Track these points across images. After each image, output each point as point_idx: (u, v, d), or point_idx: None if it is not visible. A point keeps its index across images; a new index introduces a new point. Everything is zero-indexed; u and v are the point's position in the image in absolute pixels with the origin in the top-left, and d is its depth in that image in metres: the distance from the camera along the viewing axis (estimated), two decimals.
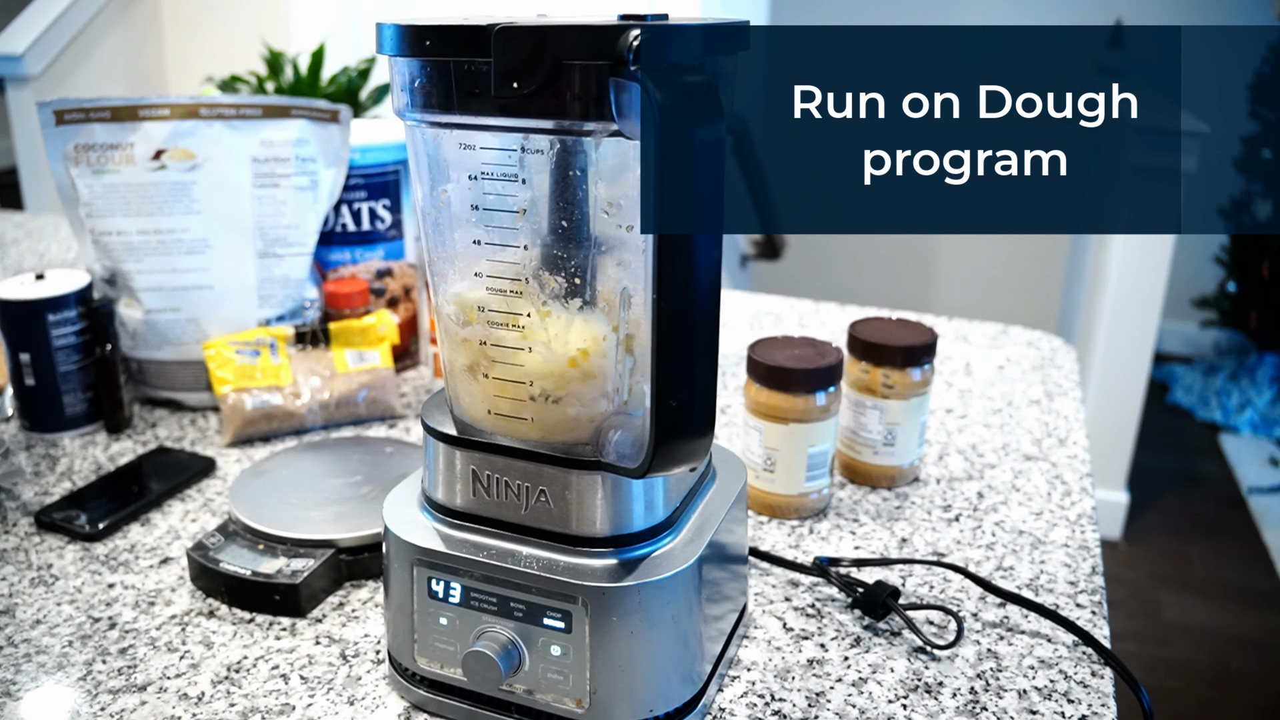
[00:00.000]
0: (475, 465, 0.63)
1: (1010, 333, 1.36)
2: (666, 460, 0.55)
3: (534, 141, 0.56)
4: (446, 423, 0.65)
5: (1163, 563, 2.65)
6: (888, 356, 0.90)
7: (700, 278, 0.51)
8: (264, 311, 1.07)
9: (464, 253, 0.60)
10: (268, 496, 0.84)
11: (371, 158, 1.11)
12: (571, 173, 0.56)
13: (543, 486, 0.61)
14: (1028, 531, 0.87)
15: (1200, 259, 3.60)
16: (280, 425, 1.02)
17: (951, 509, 0.91)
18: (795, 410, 0.85)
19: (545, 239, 0.58)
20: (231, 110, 1.04)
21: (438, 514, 0.65)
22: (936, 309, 2.40)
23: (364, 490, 0.84)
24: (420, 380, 1.17)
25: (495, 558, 0.61)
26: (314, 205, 1.08)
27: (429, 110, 0.57)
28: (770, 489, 0.88)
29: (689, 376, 0.53)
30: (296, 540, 0.78)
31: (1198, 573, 2.61)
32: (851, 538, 0.86)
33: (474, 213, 0.58)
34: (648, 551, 0.62)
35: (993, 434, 1.06)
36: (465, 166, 0.58)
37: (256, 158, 1.05)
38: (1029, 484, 0.96)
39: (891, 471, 0.94)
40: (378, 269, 1.15)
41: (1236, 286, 3.41)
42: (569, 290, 0.58)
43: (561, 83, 0.53)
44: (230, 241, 1.05)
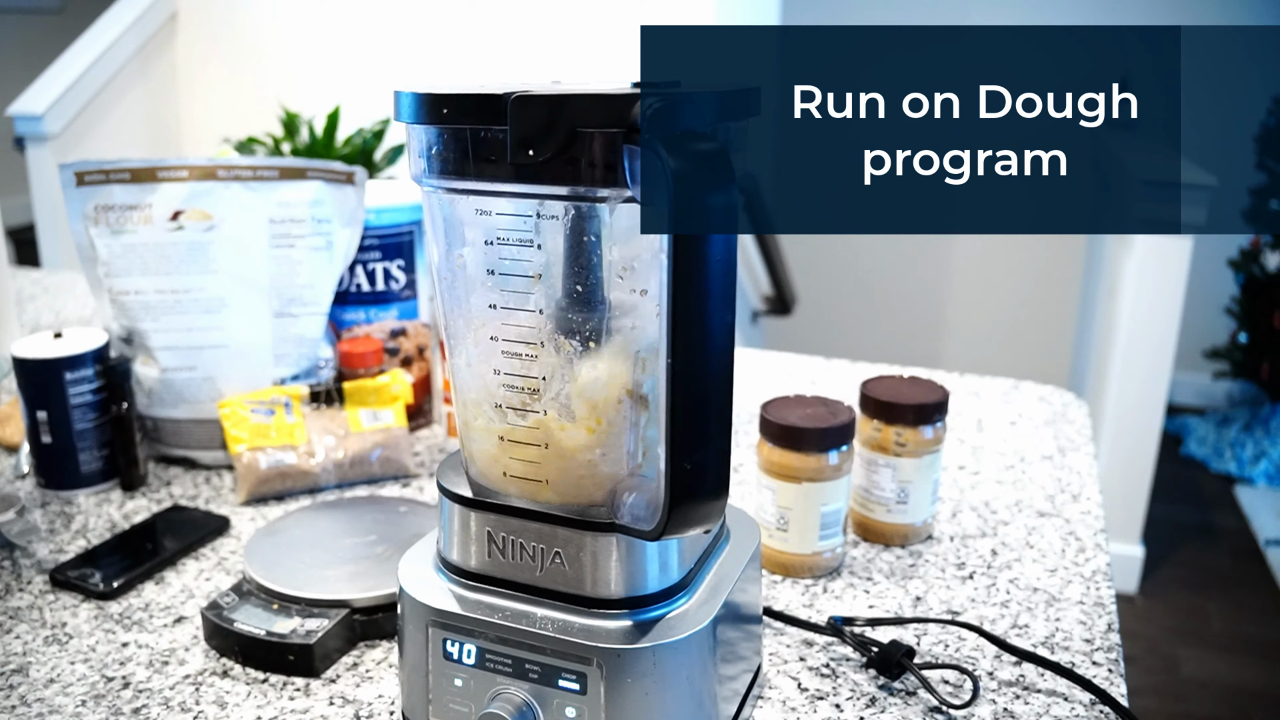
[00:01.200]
0: (490, 527, 0.63)
1: (1022, 388, 1.36)
2: (681, 523, 0.55)
3: (549, 207, 0.57)
4: (461, 483, 0.65)
5: (1180, 617, 2.62)
6: (900, 415, 0.91)
7: (713, 341, 0.52)
8: (279, 370, 1.08)
9: (479, 315, 0.61)
10: (282, 556, 0.84)
11: (386, 218, 1.13)
12: (586, 237, 0.57)
13: (558, 548, 0.61)
14: (1042, 589, 0.87)
15: (1211, 310, 3.60)
16: (294, 484, 1.02)
17: (965, 566, 0.91)
18: (808, 469, 0.85)
19: (560, 302, 0.59)
20: (248, 172, 1.06)
21: (453, 575, 0.65)
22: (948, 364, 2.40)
23: (378, 550, 0.84)
24: (434, 439, 1.17)
25: (510, 619, 0.61)
26: (329, 265, 1.09)
27: (445, 176, 0.58)
28: (784, 548, 0.88)
29: (703, 439, 0.53)
30: (311, 600, 0.78)
31: (1215, 627, 2.58)
32: (865, 596, 0.86)
33: (489, 276, 0.59)
34: (662, 613, 0.62)
35: (1005, 490, 1.06)
36: (481, 231, 0.59)
37: (273, 218, 1.06)
38: (1043, 540, 0.95)
39: (905, 529, 0.93)
40: (392, 328, 1.16)
41: (1248, 337, 3.41)
42: (583, 353, 0.59)
43: (576, 149, 0.53)
44: (246, 301, 1.06)
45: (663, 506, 0.54)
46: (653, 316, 0.58)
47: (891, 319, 3.75)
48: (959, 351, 3.71)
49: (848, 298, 3.74)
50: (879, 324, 3.75)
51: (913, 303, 3.73)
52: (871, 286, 3.72)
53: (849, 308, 3.75)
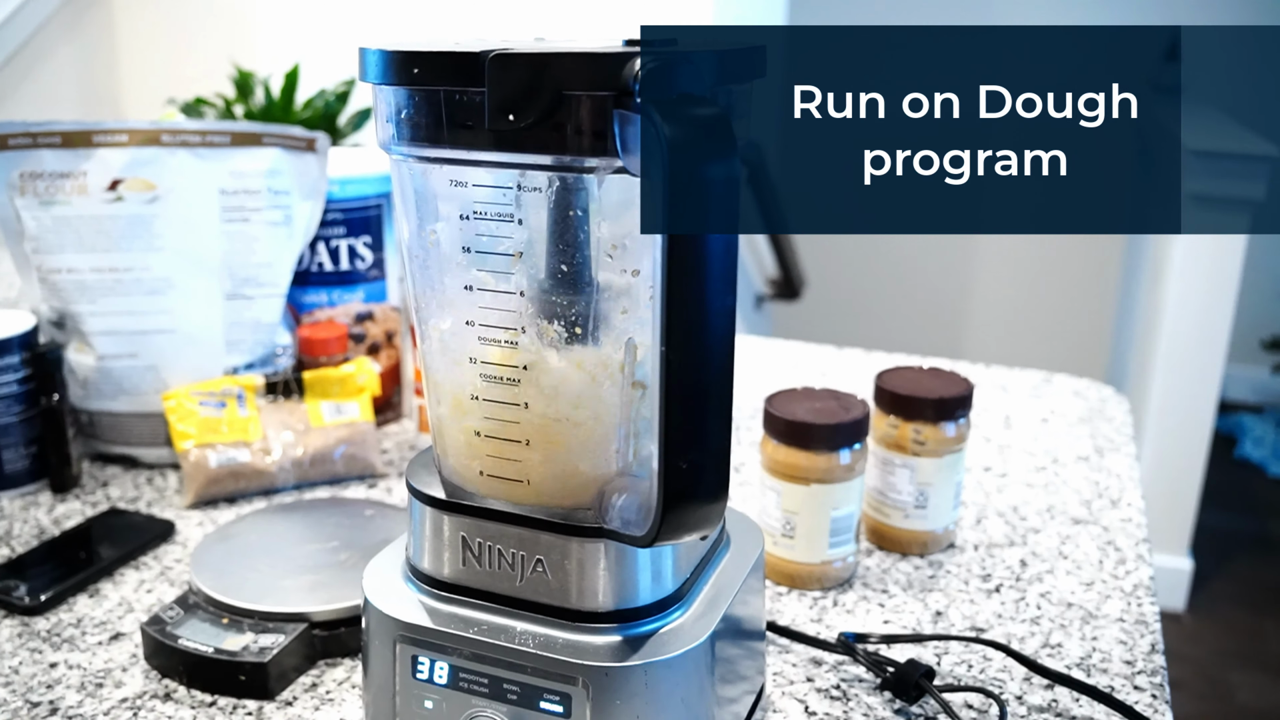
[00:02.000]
0: (465, 531, 0.64)
1: (1055, 381, 1.37)
2: (676, 527, 0.55)
3: (531, 178, 0.57)
4: (434, 484, 0.66)
5: (1233, 637, 2.64)
6: (918, 410, 0.91)
7: (712, 327, 0.52)
8: (231, 358, 1.08)
9: (454, 298, 0.61)
10: (233, 564, 0.84)
11: (351, 190, 1.13)
12: (572, 212, 0.57)
13: (540, 555, 0.62)
14: (1077, 604, 0.88)
15: (1269, 296, 3.61)
16: (248, 485, 1.02)
17: (991, 578, 0.91)
18: (817, 469, 0.86)
19: (543, 284, 0.59)
20: (197, 137, 1.06)
21: (423, 585, 0.66)
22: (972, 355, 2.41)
23: (341, 557, 0.85)
24: (404, 435, 1.18)
25: (487, 634, 0.62)
26: (288, 242, 1.09)
27: (416, 144, 0.58)
28: (790, 557, 0.89)
29: (700, 435, 0.54)
30: (265, 613, 0.79)
31: (1273, 648, 2.60)
32: (880, 611, 0.86)
33: (465, 255, 0.60)
34: (655, 627, 0.62)
35: (1036, 494, 1.07)
36: (456, 204, 0.59)
37: (224, 189, 1.06)
38: (1078, 550, 0.96)
39: (924, 537, 0.94)
40: (357, 312, 1.16)
41: None
42: (569, 340, 0.60)
43: (561, 115, 0.54)
44: (195, 281, 1.06)
45: (656, 509, 0.55)
46: (645, 300, 0.59)
47: (910, 304, 3.76)
48: (984, 341, 3.72)
49: (862, 281, 3.74)
50: (896, 310, 3.75)
51: (934, 286, 3.73)
52: (888, 269, 3.72)
53: (863, 292, 3.75)
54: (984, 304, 3.73)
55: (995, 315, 3.72)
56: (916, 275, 3.72)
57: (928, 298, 3.75)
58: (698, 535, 0.57)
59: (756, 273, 2.97)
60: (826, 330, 3.14)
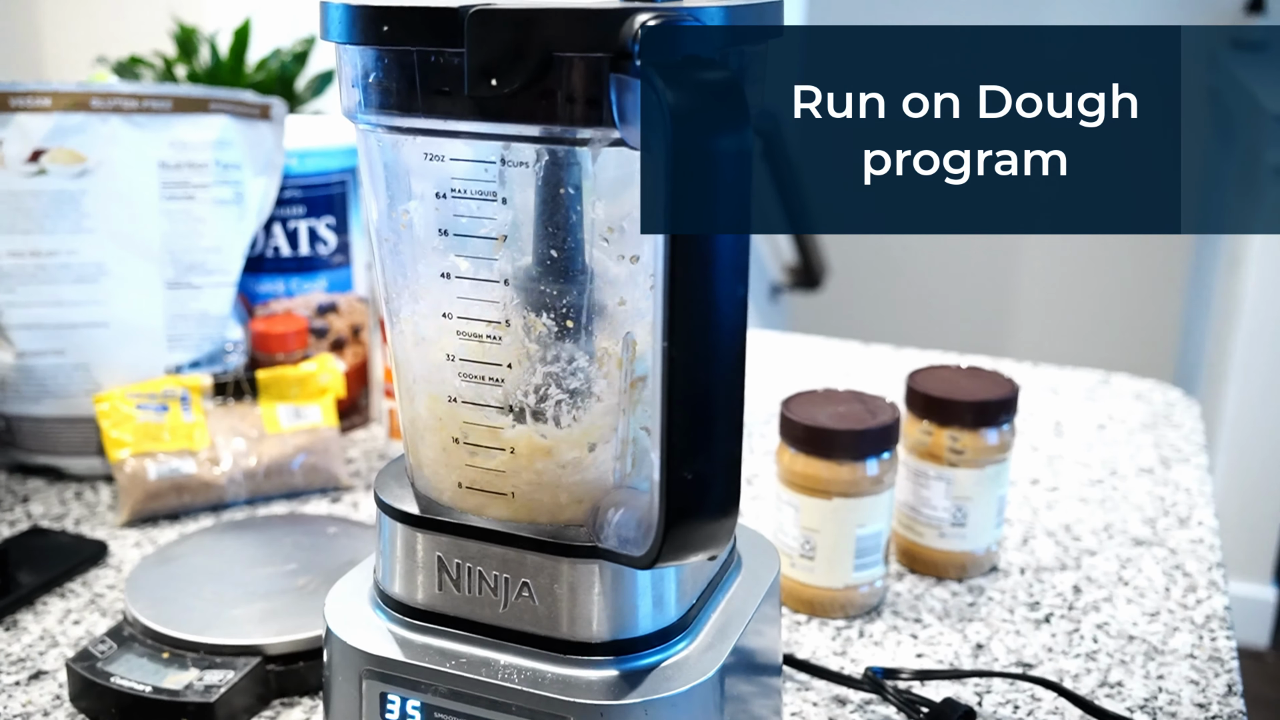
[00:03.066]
0: (441, 551, 0.64)
1: (1114, 382, 1.37)
2: (680, 546, 0.56)
3: (516, 152, 0.57)
4: (406, 497, 0.66)
5: None
6: (956, 414, 0.92)
7: (721, 321, 0.53)
8: (174, 356, 1.09)
9: (429, 287, 0.62)
10: (176, 590, 0.85)
11: (312, 164, 1.13)
12: (562, 190, 0.58)
13: (526, 578, 0.62)
14: (1140, 637, 0.88)
15: None
16: (193, 499, 1.03)
17: (1040, 607, 0.92)
18: (840, 482, 0.86)
19: (530, 271, 0.59)
20: (132, 102, 1.06)
21: (393, 613, 0.66)
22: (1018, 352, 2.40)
23: (299, 582, 0.85)
24: (372, 443, 1.18)
25: (466, 668, 0.63)
26: (239, 223, 1.10)
27: (386, 111, 0.58)
28: (809, 580, 0.89)
29: (708, 443, 0.54)
30: (212, 646, 0.79)
31: None
32: (913, 643, 0.87)
33: (442, 239, 0.60)
34: (656, 660, 0.63)
35: (1092, 511, 1.07)
36: (431, 181, 0.60)
37: (165, 162, 1.07)
38: (1140, 576, 0.97)
39: (962, 559, 0.95)
40: (319, 303, 1.16)
41: None
42: (559, 335, 0.60)
43: (551, 80, 0.54)
44: (131, 267, 1.06)
45: (657, 526, 0.55)
46: (645, 290, 0.59)
47: (946, 294, 3.74)
48: (1032, 335, 3.70)
49: (891, 268, 3.73)
50: (930, 300, 3.74)
51: (974, 274, 3.71)
52: (921, 254, 3.70)
53: (892, 280, 3.74)
54: (1031, 294, 3.72)
55: (1044, 306, 3.71)
56: (954, 262, 3.71)
57: (966, 287, 3.73)
58: (705, 556, 0.57)
59: (772, 259, 2.97)
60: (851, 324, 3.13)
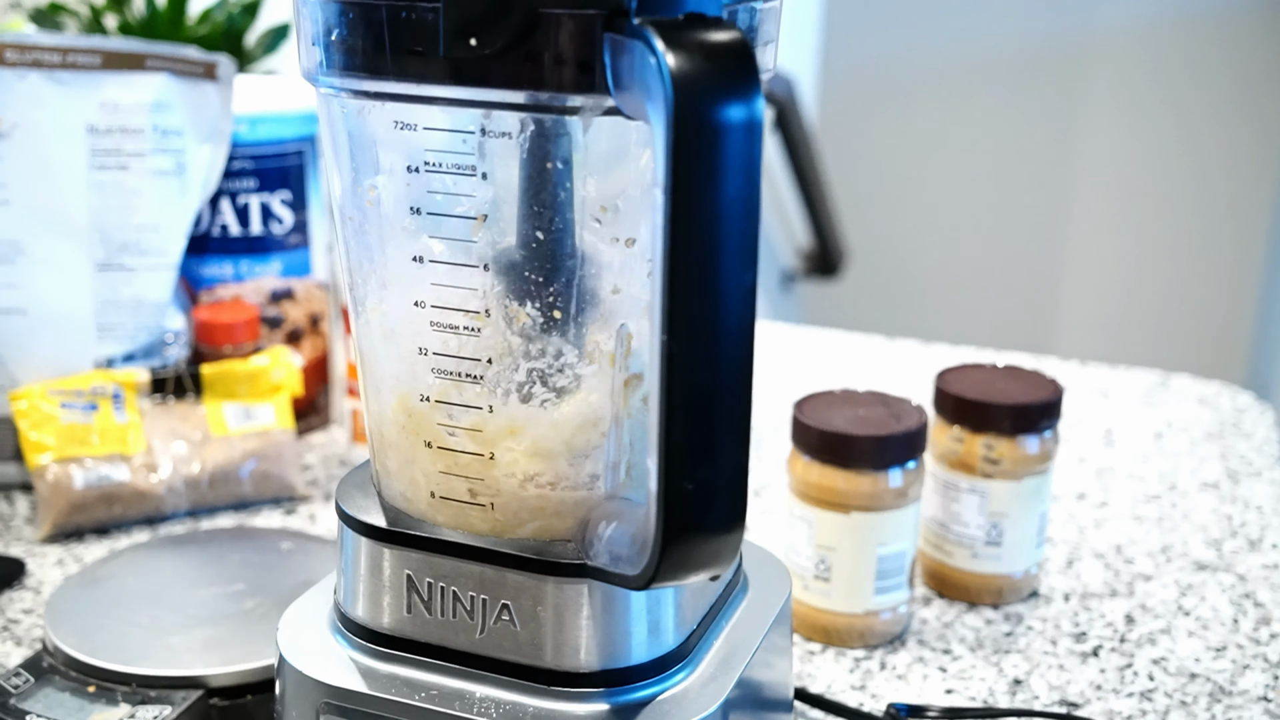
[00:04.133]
0: (411, 569, 0.64)
1: (1173, 384, 1.38)
2: (679, 565, 0.56)
3: (498, 121, 0.58)
4: (371, 509, 0.67)
5: None
6: (991, 419, 0.92)
7: (727, 312, 0.53)
8: (105, 348, 1.09)
9: (399, 273, 0.62)
10: (104, 615, 0.85)
11: (265, 132, 1.13)
12: (550, 165, 0.58)
13: (506, 600, 0.63)
14: (1204, 675, 0.88)
15: None
16: (126, 511, 1.03)
17: (1087, 638, 0.93)
18: (859, 494, 0.87)
19: (513, 256, 0.60)
20: (55, 56, 1.05)
21: (356, 639, 0.67)
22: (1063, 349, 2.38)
23: (248, 605, 0.86)
24: (333, 447, 1.19)
25: (438, 701, 0.63)
26: (180, 198, 1.10)
27: (351, 73, 0.58)
28: (825, 605, 0.90)
29: (710, 449, 0.54)
30: (146, 678, 0.79)
31: None
32: (941, 677, 0.88)
33: (414, 218, 0.61)
34: (652, 694, 0.63)
35: (1147, 531, 1.08)
36: (402, 153, 0.60)
37: (94, 127, 1.07)
38: (1204, 605, 0.97)
39: (997, 582, 0.96)
40: (273, 290, 1.17)
41: None
42: (545, 326, 0.60)
43: (537, 40, 0.54)
44: (53, 247, 1.06)
45: (653, 542, 0.55)
46: (642, 276, 0.60)
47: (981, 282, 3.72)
48: (1079, 330, 3.68)
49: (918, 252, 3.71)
50: (962, 289, 3.72)
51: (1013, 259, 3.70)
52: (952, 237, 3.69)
53: (920, 266, 3.72)
54: (1079, 282, 3.70)
55: (1094, 296, 3.69)
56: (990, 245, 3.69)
57: (1005, 274, 3.72)
58: (707, 576, 0.57)
59: (784, 242, 2.98)
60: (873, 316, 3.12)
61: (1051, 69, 3.45)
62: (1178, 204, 3.46)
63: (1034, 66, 3.45)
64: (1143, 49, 3.36)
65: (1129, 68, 3.39)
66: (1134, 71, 3.39)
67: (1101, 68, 3.42)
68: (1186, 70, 3.33)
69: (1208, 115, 3.33)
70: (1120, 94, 3.41)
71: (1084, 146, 3.49)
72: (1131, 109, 3.42)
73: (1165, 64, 3.34)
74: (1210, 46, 3.29)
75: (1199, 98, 3.33)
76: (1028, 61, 3.45)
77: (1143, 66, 3.37)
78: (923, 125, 3.52)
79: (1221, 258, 3.48)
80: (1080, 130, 3.49)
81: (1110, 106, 3.44)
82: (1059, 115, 3.49)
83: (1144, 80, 3.39)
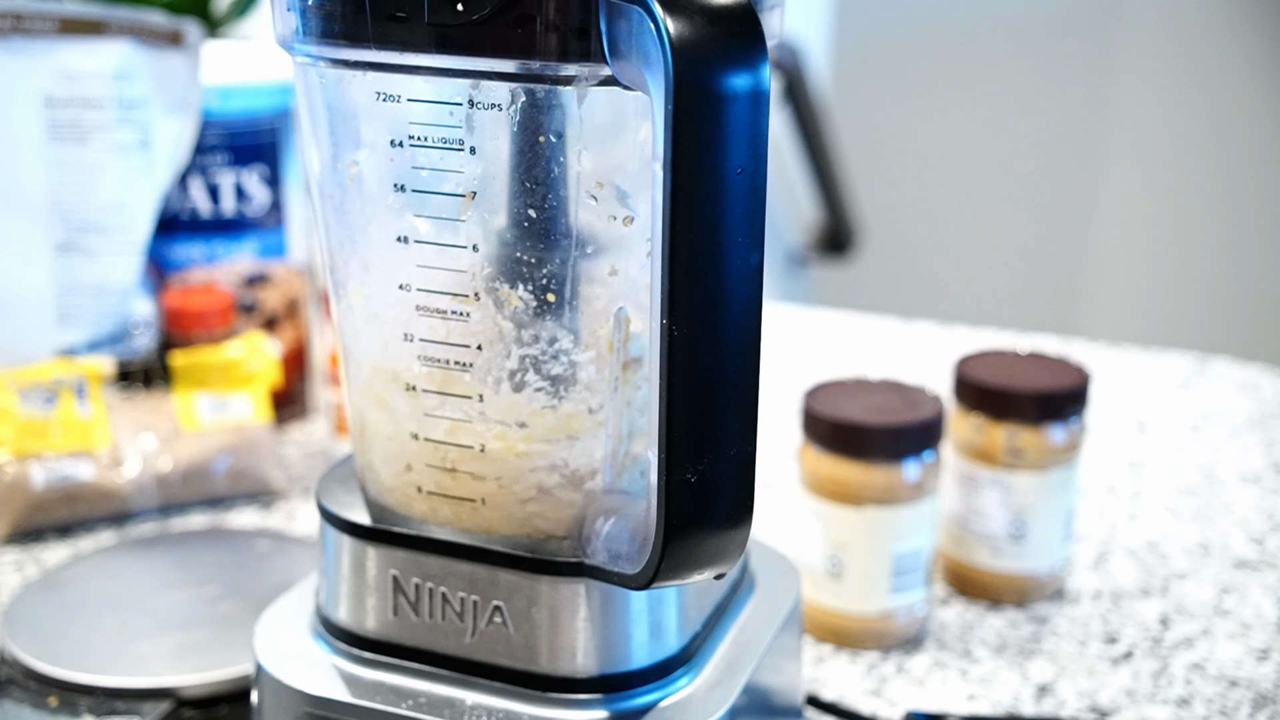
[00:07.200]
0: (398, 569, 0.65)
1: (1210, 369, 1.38)
2: (681, 563, 0.56)
3: (487, 91, 0.58)
4: (355, 505, 0.67)
5: None
6: (1015, 408, 0.93)
7: (732, 293, 0.53)
8: (66, 335, 1.09)
9: (382, 254, 0.62)
10: (67, 622, 0.85)
11: (238, 104, 1.13)
12: (542, 138, 0.58)
13: (498, 601, 0.63)
14: (1245, 680, 0.88)
15: None
16: (90, 511, 1.03)
17: (1119, 641, 0.93)
18: (873, 487, 0.87)
19: (504, 236, 0.60)
20: (6, 21, 1.05)
21: (339, 644, 0.67)
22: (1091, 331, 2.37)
23: (222, 609, 0.86)
24: (312, 441, 1.19)
25: (426, 709, 0.63)
26: (146, 175, 1.10)
27: (330, 41, 0.58)
28: (837, 606, 0.90)
29: (715, 440, 0.55)
30: (112, 689, 0.79)
31: None
32: (961, 681, 0.88)
33: (398, 195, 0.61)
34: (653, 699, 0.64)
35: (1184, 527, 1.08)
36: (385, 127, 0.60)
37: (51, 97, 1.07)
38: (1245, 606, 0.97)
39: (1021, 581, 0.96)
40: (247, 273, 1.16)
41: None
42: (538, 310, 0.61)
43: (528, 4, 0.54)
44: (8, 227, 1.06)
45: (654, 539, 0.55)
46: (641, 257, 0.60)
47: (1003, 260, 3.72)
48: (1109, 311, 3.67)
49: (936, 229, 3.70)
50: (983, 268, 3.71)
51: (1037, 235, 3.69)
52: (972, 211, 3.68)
53: (938, 244, 3.71)
54: (1109, 259, 3.69)
55: (1125, 275, 3.68)
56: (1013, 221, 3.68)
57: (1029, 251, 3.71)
58: (711, 574, 0.58)
59: (793, 220, 2.97)
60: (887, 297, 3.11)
61: (1079, 33, 3.43)
62: (1216, 174, 3.44)
63: (1061, 30, 3.43)
64: (1178, 10, 3.35)
65: (1163, 29, 3.37)
66: (1168, 34, 3.37)
67: (1133, 31, 3.40)
68: (1226, 32, 3.31)
69: (1248, 77, 3.32)
70: (1154, 58, 3.40)
71: (1114, 115, 3.48)
72: (1166, 73, 3.40)
73: (1203, 27, 3.33)
74: (1252, 7, 3.28)
75: (1239, 61, 3.31)
76: (1054, 26, 3.43)
77: (1178, 28, 3.35)
78: (941, 95, 3.50)
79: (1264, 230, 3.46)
80: (1110, 98, 3.47)
81: (1143, 72, 3.42)
82: (1087, 82, 3.47)
83: (1179, 43, 3.37)
